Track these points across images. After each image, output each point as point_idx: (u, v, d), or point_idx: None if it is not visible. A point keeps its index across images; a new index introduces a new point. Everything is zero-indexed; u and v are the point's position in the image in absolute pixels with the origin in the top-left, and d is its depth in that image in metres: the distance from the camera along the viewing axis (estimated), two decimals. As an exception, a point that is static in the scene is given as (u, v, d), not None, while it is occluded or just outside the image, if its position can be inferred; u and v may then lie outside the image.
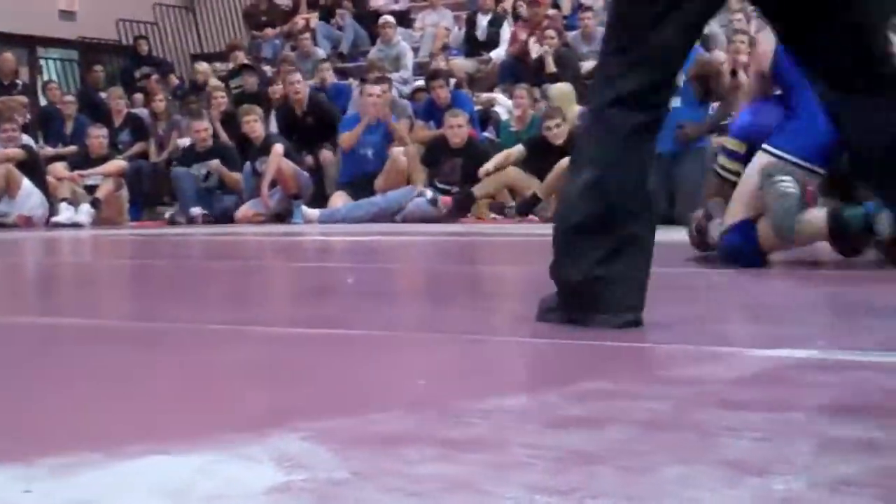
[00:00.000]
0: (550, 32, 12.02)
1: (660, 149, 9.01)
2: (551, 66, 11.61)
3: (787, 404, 1.59)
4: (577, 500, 1.11)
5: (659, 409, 1.56)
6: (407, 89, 12.92)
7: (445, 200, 10.07)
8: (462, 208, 10.06)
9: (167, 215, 11.54)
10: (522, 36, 12.69)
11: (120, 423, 1.57)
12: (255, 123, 11.07)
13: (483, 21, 13.75)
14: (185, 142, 11.97)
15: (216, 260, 6.53)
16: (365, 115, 11.01)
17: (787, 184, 4.02)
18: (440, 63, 12.49)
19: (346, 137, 11.07)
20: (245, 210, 10.97)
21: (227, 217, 11.02)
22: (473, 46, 13.71)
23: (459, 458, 1.27)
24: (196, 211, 11.14)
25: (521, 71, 12.17)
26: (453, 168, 10.30)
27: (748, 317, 2.68)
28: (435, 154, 10.46)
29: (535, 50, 12.19)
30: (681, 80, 9.01)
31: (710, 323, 2.73)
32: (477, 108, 11.70)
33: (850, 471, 1.19)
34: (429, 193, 10.10)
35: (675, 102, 9.13)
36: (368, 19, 15.10)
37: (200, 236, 8.85)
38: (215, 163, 11.27)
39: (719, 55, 10.11)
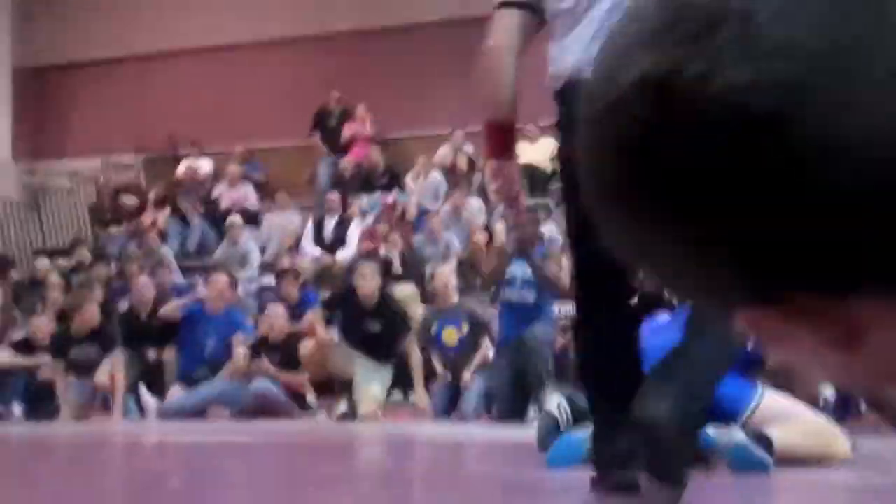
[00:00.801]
0: (395, 236, 12.27)
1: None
2: (398, 269, 11.77)
3: None
4: None
5: None
6: (253, 287, 12.89)
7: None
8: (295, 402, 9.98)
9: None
10: (372, 235, 12.91)
11: None
12: (94, 312, 10.62)
13: (330, 223, 13.89)
14: (20, 335, 11.60)
15: (39, 461, 6.28)
16: (210, 302, 10.88)
17: None
18: (285, 262, 12.55)
19: (169, 307, 10.97)
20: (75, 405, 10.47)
21: (55, 413, 10.51)
22: (321, 246, 13.81)
23: None
24: (16, 408, 10.67)
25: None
26: (277, 360, 10.25)
27: None
28: (258, 349, 10.41)
29: (382, 250, 12.37)
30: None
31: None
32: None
33: None
34: None
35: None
36: (218, 218, 15.10)
37: (27, 435, 8.51)
38: (47, 372, 10.85)
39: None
